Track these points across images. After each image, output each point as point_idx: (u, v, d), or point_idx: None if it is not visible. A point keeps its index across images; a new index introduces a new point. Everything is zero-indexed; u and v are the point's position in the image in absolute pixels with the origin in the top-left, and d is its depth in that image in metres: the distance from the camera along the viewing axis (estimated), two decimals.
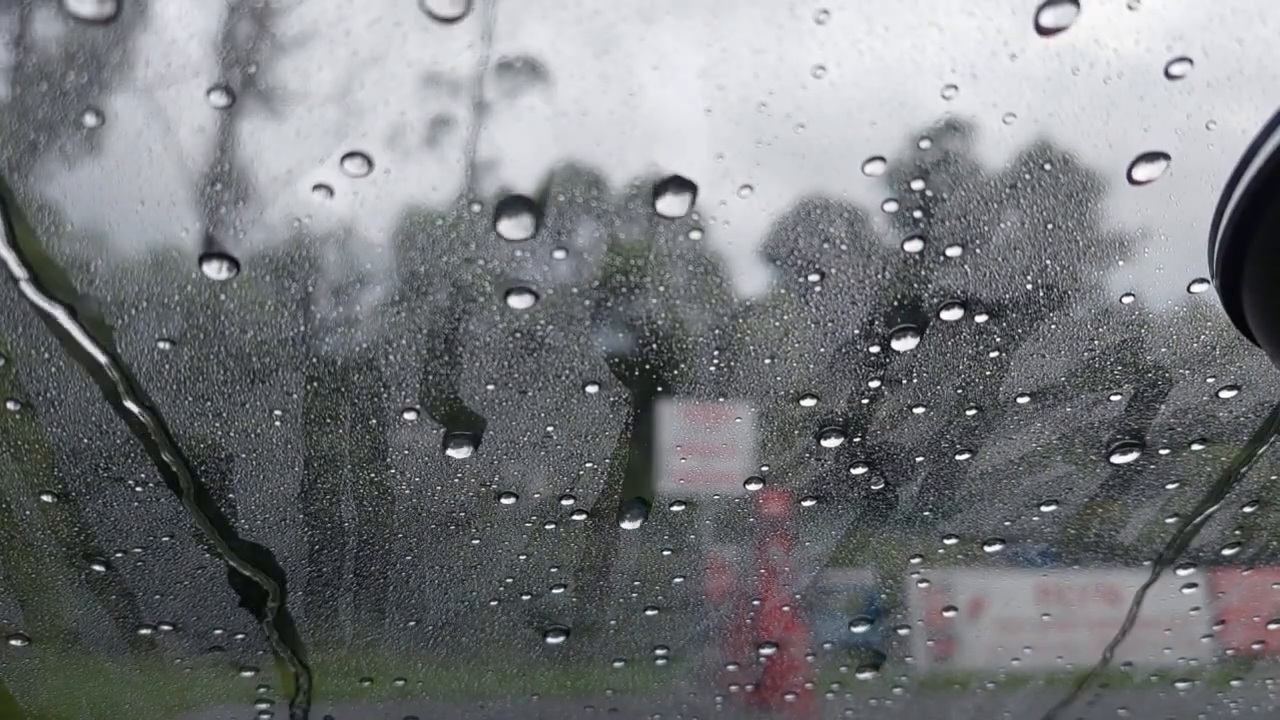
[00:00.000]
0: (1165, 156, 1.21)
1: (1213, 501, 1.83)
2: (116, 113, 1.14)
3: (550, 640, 1.96)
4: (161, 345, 1.35)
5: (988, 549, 1.89)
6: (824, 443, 1.63)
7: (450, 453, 1.57)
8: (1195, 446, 1.71)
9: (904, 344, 1.48)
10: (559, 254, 1.32)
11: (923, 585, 2.06)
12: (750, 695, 2.19)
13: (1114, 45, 1.14)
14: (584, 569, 1.86)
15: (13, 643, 1.80)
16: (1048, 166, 1.27)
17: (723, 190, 1.25)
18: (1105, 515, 1.89)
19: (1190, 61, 1.10)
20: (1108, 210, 1.29)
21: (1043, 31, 1.09)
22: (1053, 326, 1.48)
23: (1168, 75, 1.12)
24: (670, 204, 1.27)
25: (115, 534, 1.66)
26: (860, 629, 2.09)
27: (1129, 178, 1.24)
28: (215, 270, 1.25)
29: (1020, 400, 1.61)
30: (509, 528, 1.76)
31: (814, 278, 1.39)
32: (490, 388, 1.50)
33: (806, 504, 1.78)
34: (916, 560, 1.97)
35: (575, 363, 1.48)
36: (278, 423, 1.52)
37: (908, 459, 1.70)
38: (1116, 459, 1.76)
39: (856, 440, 1.63)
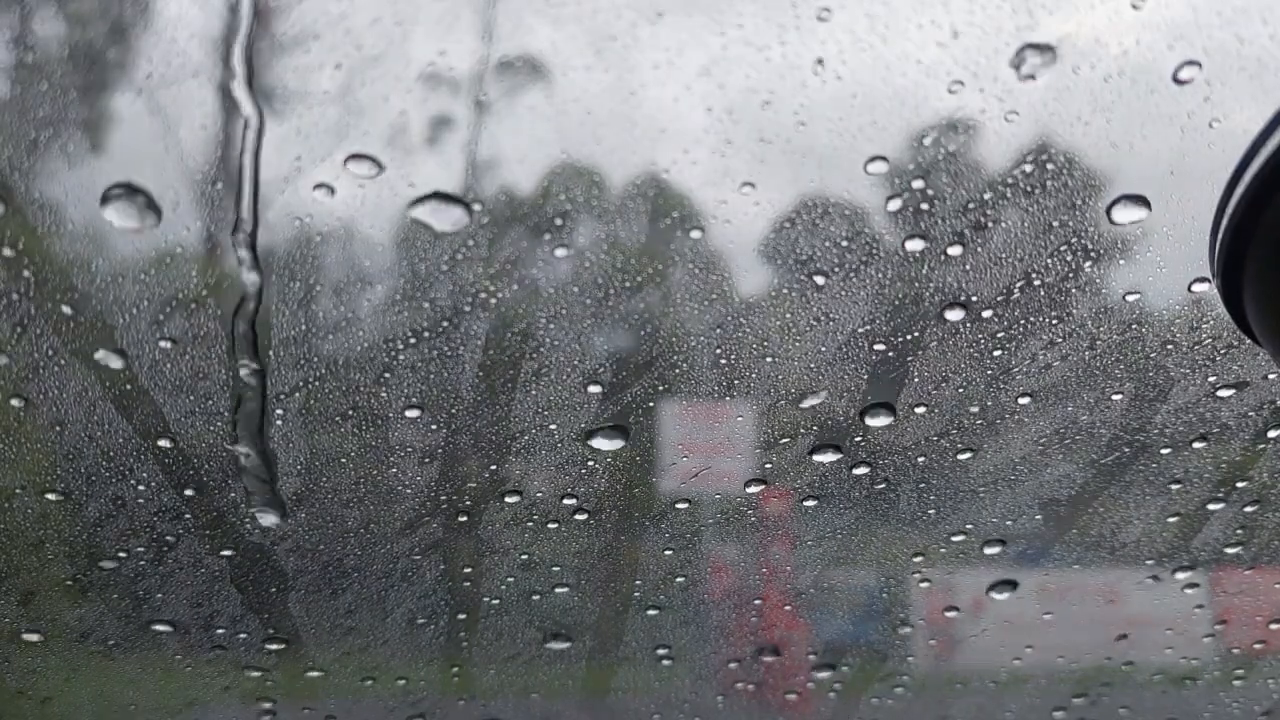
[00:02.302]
0: (1145, 203, 1.23)
1: (1214, 501, 1.83)
2: (117, 111, 1.14)
3: (552, 642, 1.97)
4: (163, 344, 1.36)
5: (989, 549, 1.89)
6: (825, 442, 1.63)
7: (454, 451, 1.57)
8: (1196, 445, 1.71)
9: (878, 421, 1.55)
10: (560, 253, 1.32)
11: (924, 585, 2.06)
12: (752, 694, 2.19)
13: (1115, 44, 1.13)
14: (585, 568, 1.86)
15: (16, 641, 1.80)
16: (1049, 165, 1.27)
17: (724, 189, 1.25)
18: (1107, 514, 1.89)
19: (1192, 60, 1.10)
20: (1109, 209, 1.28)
21: (1022, 77, 1.10)
22: (1054, 325, 1.48)
23: (1169, 74, 1.12)
24: (602, 443, 1.54)
25: (118, 533, 1.66)
26: (861, 628, 2.08)
27: (1109, 218, 1.26)
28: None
29: (1021, 400, 1.61)
30: (511, 527, 1.76)
31: (815, 276, 1.39)
32: (494, 386, 1.50)
33: (808, 503, 1.78)
34: (918, 559, 1.97)
35: (576, 361, 1.48)
36: (279, 421, 1.52)
37: (909, 458, 1.70)
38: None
39: (858, 439, 1.63)
